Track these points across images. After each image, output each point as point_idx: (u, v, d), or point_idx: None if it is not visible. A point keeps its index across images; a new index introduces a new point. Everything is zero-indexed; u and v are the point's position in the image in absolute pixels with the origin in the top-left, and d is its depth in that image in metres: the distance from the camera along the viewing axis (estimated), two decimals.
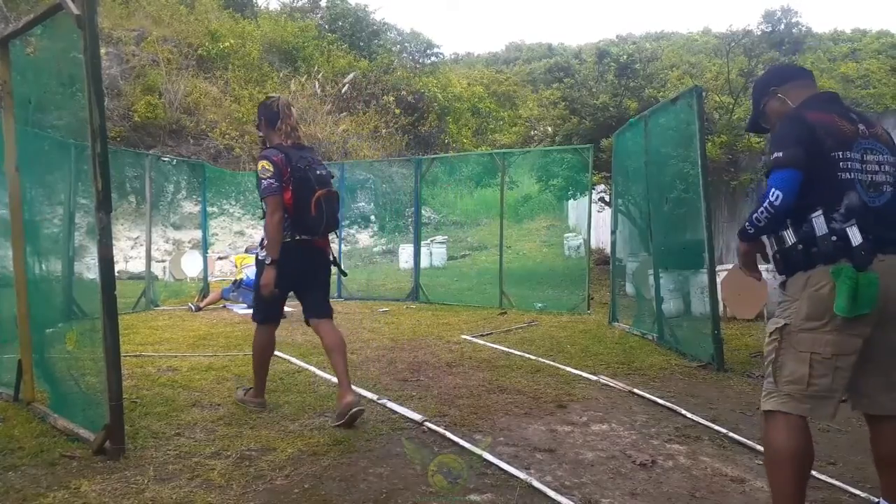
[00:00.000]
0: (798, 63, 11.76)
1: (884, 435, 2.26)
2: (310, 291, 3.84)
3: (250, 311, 8.53)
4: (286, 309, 8.34)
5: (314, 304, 3.83)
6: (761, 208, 2.20)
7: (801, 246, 2.16)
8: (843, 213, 2.12)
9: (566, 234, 16.44)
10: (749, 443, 3.32)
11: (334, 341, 3.71)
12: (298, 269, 3.69)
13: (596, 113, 11.11)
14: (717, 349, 5.09)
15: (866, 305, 2.05)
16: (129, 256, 14.74)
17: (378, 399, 4.11)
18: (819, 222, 2.12)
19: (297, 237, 3.66)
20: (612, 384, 4.59)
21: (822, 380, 2.12)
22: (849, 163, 2.16)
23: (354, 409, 3.54)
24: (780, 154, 2.18)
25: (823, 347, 2.11)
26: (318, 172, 3.71)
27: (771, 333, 2.25)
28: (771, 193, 2.16)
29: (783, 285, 2.28)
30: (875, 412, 2.25)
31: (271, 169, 3.55)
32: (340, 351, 3.68)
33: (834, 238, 2.10)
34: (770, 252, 2.33)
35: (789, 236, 2.20)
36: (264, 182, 3.54)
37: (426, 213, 17.68)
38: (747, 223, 2.28)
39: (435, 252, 14.74)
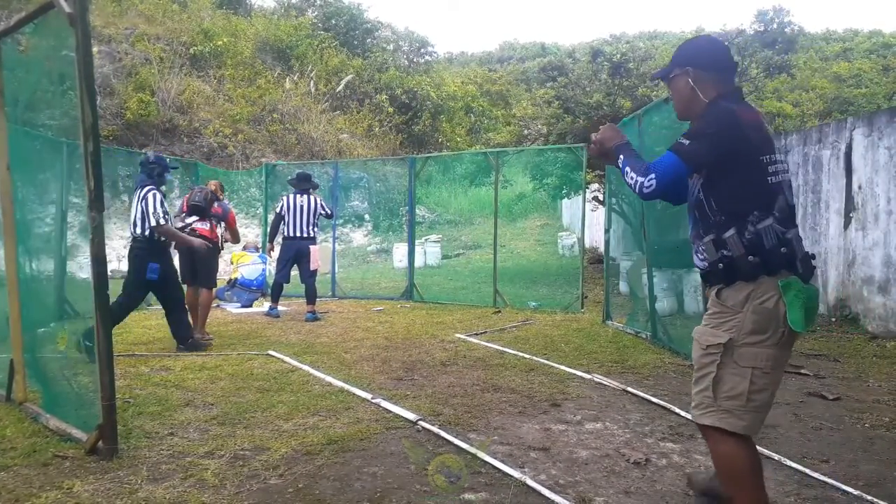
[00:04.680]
0: (791, 62, 11.73)
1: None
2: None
3: (244, 309, 8.67)
4: (280, 308, 8.47)
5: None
6: (637, 181, 2.10)
7: (751, 256, 2.04)
8: (780, 220, 2.06)
9: (560, 233, 16.47)
10: None
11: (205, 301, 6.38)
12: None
13: (590, 112, 11.14)
14: None
15: (812, 320, 2.05)
16: (122, 256, 14.56)
17: (372, 398, 4.11)
18: (767, 231, 2.04)
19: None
20: (605, 383, 4.61)
21: (760, 395, 2.07)
22: (776, 165, 2.10)
23: (203, 341, 5.97)
24: (687, 144, 2.07)
25: (765, 362, 2.05)
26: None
27: (708, 347, 2.12)
28: (648, 178, 2.07)
29: (718, 294, 2.15)
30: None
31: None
32: (205, 306, 6.38)
33: (784, 250, 2.04)
34: (704, 259, 2.18)
35: (734, 244, 2.07)
36: None
37: (420, 211, 17.67)
38: (628, 177, 2.18)
39: (429, 251, 14.72)
